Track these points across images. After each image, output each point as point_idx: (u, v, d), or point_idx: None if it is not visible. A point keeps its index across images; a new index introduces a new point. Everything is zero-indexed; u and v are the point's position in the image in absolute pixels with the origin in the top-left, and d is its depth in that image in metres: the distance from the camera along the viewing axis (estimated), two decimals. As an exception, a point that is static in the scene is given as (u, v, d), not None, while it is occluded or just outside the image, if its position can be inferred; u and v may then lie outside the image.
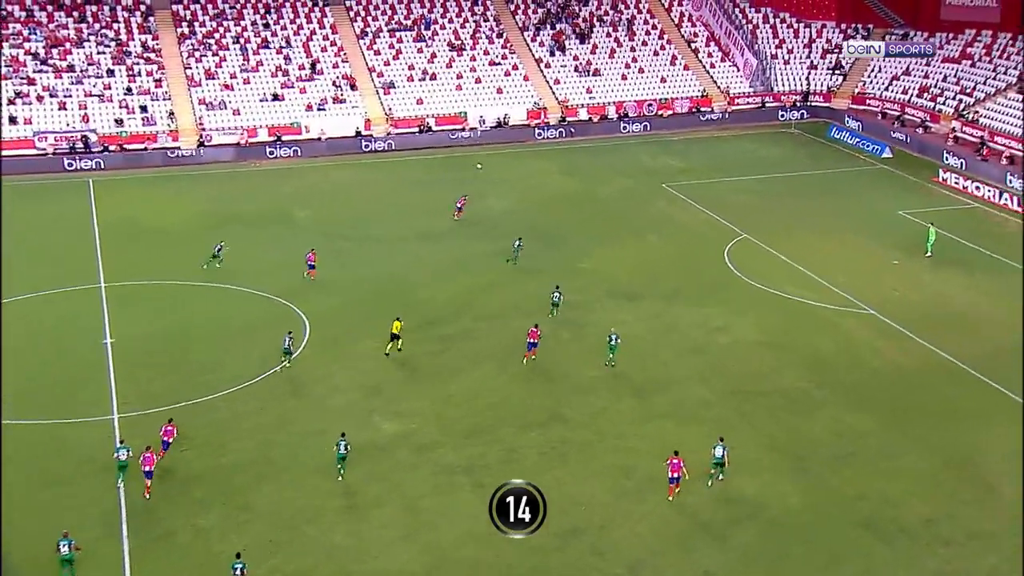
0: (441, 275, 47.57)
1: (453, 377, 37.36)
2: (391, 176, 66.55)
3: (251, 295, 44.84)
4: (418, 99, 77.43)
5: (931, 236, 49.95)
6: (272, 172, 67.47)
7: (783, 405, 34.93)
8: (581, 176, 65.10)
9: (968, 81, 75.09)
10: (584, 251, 50.67)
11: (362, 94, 77.01)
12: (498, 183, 64.10)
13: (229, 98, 74.18)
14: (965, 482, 30.53)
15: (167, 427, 31.80)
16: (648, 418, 34.25)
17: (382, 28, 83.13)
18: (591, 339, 40.38)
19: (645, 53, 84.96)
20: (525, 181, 64.76)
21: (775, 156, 70.51)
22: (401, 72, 79.73)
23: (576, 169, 67.19)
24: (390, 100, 77.15)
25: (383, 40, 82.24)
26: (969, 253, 49.84)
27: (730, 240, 52.00)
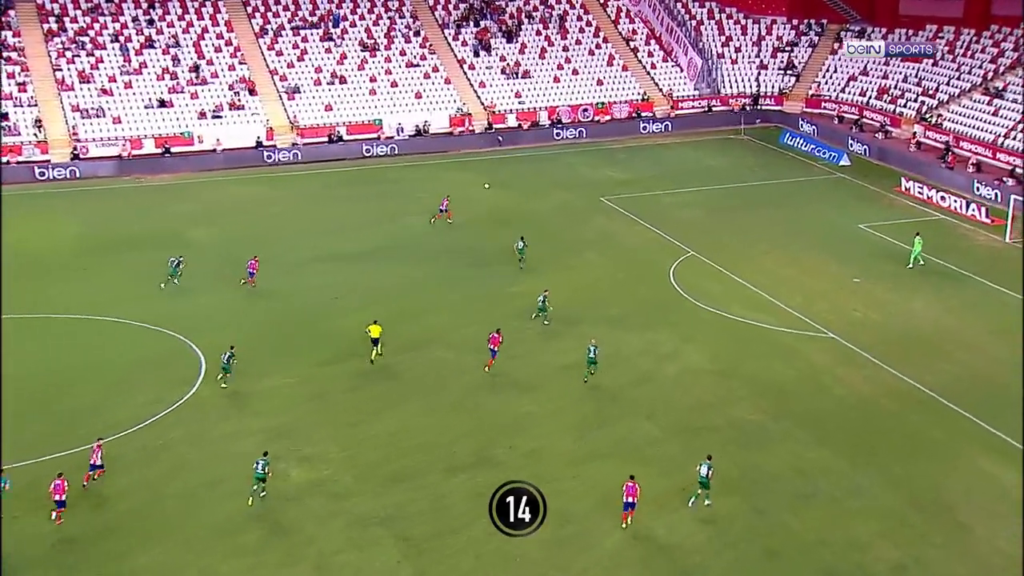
0: (357, 302, 47.26)
1: (371, 417, 37.07)
2: (298, 192, 66.13)
3: (139, 329, 44.08)
4: (327, 105, 77.18)
5: (917, 247, 51.27)
6: (161, 188, 66.55)
7: (737, 440, 35.30)
8: (511, 190, 65.33)
9: (930, 82, 77.31)
10: (518, 273, 50.80)
11: (263, 100, 76.48)
12: (418, 199, 64.03)
13: (108, 104, 73.06)
14: (936, 522, 31.10)
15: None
16: (587, 458, 34.32)
17: (284, 26, 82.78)
18: (523, 372, 40.42)
19: (579, 53, 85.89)
20: (451, 195, 64.56)
21: (723, 165, 71.66)
22: (307, 75, 79.41)
23: (506, 182, 67.40)
24: (295, 106, 76.74)
25: (286, 39, 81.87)
26: (935, 269, 51.10)
27: (676, 258, 52.59)
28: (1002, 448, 34.51)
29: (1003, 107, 70.42)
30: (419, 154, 74.74)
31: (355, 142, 75.12)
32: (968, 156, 67.95)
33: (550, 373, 40.45)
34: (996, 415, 36.46)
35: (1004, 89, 71.94)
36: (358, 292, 48.60)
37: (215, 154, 72.13)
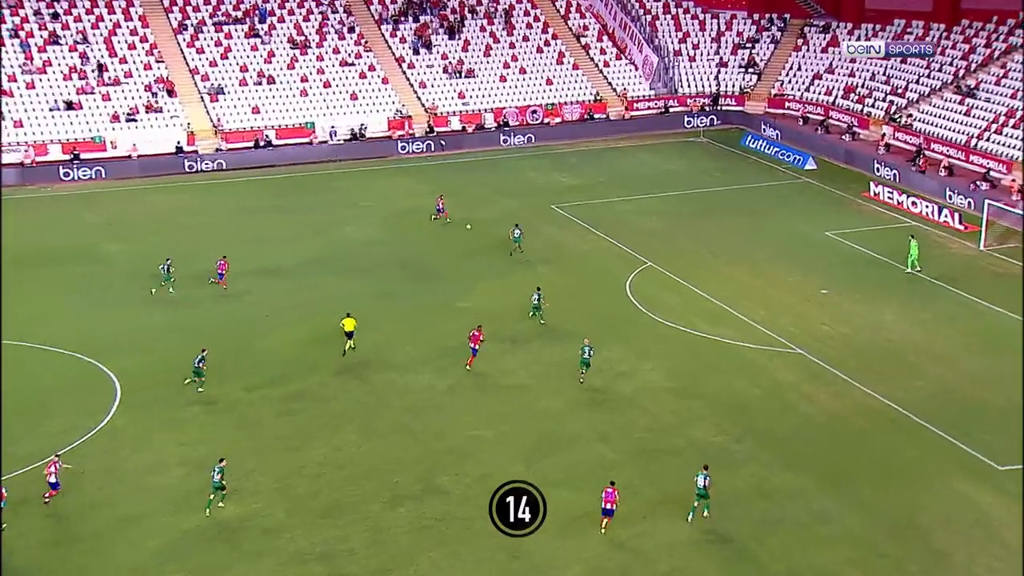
0: (289, 320, 47.06)
1: (305, 444, 36.86)
2: (223, 201, 65.75)
3: (45, 353, 43.49)
4: (254, 107, 76.85)
5: (913, 250, 52.33)
6: (70, 198, 65.83)
7: (698, 463, 35.34)
8: (456, 197, 65.34)
9: (899, 80, 78.69)
10: (463, 287, 50.87)
11: (183, 102, 75.97)
12: (356, 208, 63.91)
13: (8, 106, 72.07)
14: (910, 549, 31.46)
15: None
16: (539, 485, 34.09)
17: (205, 21, 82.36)
18: (472, 393, 40.45)
19: (527, 50, 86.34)
20: (389, 205, 64.80)
21: (681, 170, 72.28)
22: (231, 75, 79.03)
23: (449, 189, 67.43)
24: (219, 109, 76.32)
25: (207, 36, 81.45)
26: (906, 279, 51.92)
27: (633, 270, 52.93)
28: (979, 469, 35.07)
29: (975, 107, 71.85)
30: (355, 160, 74.61)
31: (285, 147, 74.88)
32: (940, 159, 69.20)
33: (499, 393, 40.55)
34: (972, 434, 37.04)
35: (976, 88, 73.40)
36: (291, 309, 48.34)
37: (131, 161, 71.49)
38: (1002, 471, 34.92)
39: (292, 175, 71.44)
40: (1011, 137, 67.57)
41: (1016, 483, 34.19)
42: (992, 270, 53.01)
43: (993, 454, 35.76)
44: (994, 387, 40.61)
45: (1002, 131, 68.52)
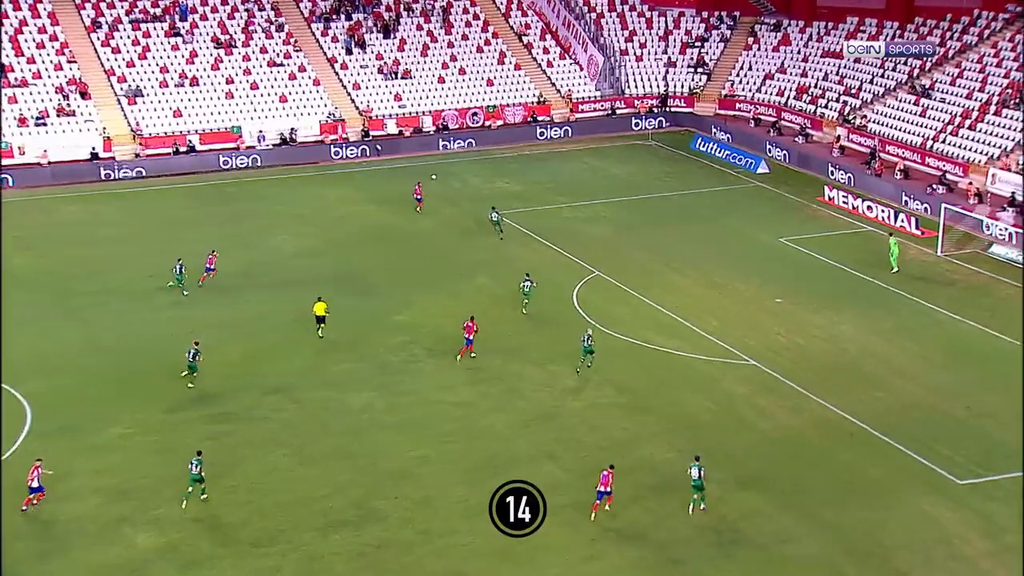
0: (215, 338, 46.45)
1: (231, 470, 36.45)
2: (142, 212, 65.08)
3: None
4: (175, 111, 76.16)
5: (895, 250, 53.39)
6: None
7: (649, 483, 35.62)
8: (393, 205, 65.20)
9: (852, 80, 79.74)
10: (401, 300, 50.69)
11: (98, 105, 75.07)
12: (286, 217, 63.51)
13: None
14: (872, 571, 31.67)
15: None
16: (483, 508, 33.76)
17: (121, 19, 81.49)
18: (410, 411, 40.31)
19: (466, 50, 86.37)
20: (321, 214, 64.42)
21: (629, 175, 72.61)
22: (151, 76, 78.24)
23: (386, 197, 67.25)
24: (137, 112, 75.52)
25: (124, 34, 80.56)
26: (863, 287, 52.50)
27: (579, 279, 53.05)
28: (942, 486, 35.47)
29: (931, 107, 72.96)
30: (285, 166, 74.16)
31: (209, 153, 74.24)
32: (895, 162, 70.15)
33: (441, 411, 40.44)
34: (933, 448, 37.49)
35: (931, 88, 74.56)
36: (215, 326, 47.86)
37: (41, 168, 70.51)
38: (962, 485, 35.37)
39: (217, 183, 70.84)
40: (967, 139, 68.70)
41: (978, 498, 34.64)
42: (951, 277, 53.79)
43: (953, 468, 36.23)
44: (954, 399, 41.16)
45: (958, 132, 69.63)
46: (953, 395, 41.52)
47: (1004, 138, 67.00)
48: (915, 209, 62.62)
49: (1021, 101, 68.53)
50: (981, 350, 45.72)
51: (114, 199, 67.29)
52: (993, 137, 67.55)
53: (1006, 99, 69.47)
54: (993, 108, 69.60)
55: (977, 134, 68.57)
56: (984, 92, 71.37)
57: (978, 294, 51.69)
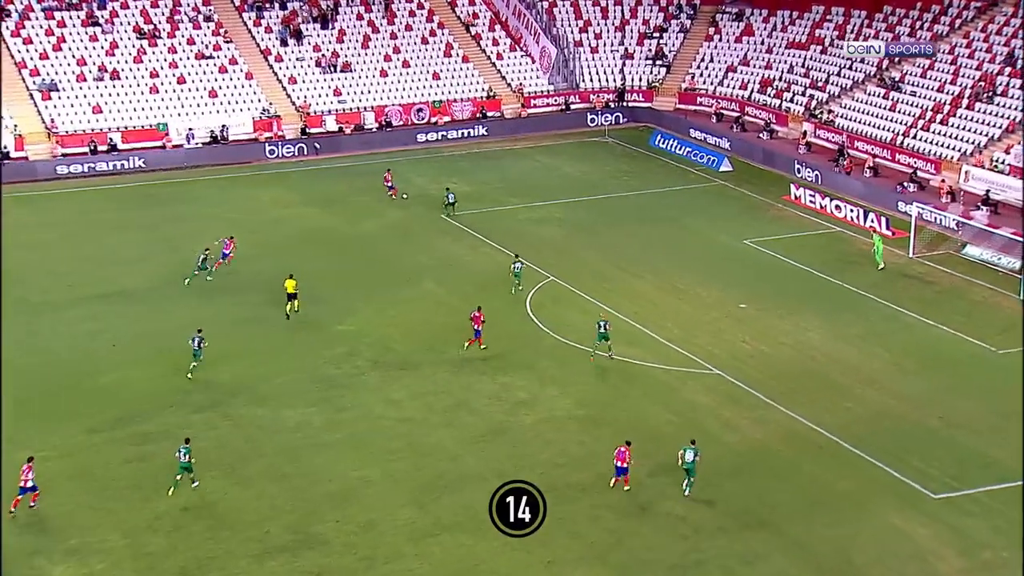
0: (138, 351, 46.18)
1: (158, 494, 36.02)
2: (59, 216, 64.48)
3: None
4: (95, 107, 75.53)
5: (879, 246, 54.54)
6: None
7: (609, 501, 35.59)
8: (333, 207, 64.88)
9: (819, 72, 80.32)
10: (343, 308, 50.46)
11: (9, 101, 74.00)
12: (217, 220, 63.00)
13: None
14: (842, 586, 31.96)
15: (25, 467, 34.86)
16: (431, 530, 34.13)
17: (33, 6, 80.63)
18: (352, 427, 40.07)
19: (410, 41, 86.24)
20: (256, 216, 64.04)
21: (584, 173, 72.73)
22: (67, 69, 77.47)
23: (326, 198, 66.96)
24: (52, 109, 74.78)
25: (36, 23, 79.67)
26: (832, 291, 52.82)
27: (533, 285, 53.01)
28: (915, 500, 35.69)
29: (901, 101, 73.64)
30: (216, 166, 73.72)
31: (133, 152, 73.60)
32: (864, 158, 70.72)
33: (385, 428, 40.22)
34: (905, 460, 37.73)
35: (901, 80, 75.26)
36: (141, 338, 47.46)
37: (-51, 169, 69.61)
38: (936, 500, 35.60)
39: (142, 184, 70.27)
40: (939, 134, 69.39)
41: (952, 512, 34.88)
42: (923, 280, 54.24)
43: (927, 482, 36.46)
44: (927, 408, 41.45)
45: (929, 127, 70.33)
46: (926, 404, 41.81)
47: (978, 133, 67.75)
48: (885, 208, 62.90)
49: (994, 94, 69.35)
50: (955, 356, 46.11)
51: (27, 202, 66.36)
52: (966, 132, 68.26)
53: (979, 92, 70.26)
54: (966, 102, 70.35)
55: (949, 129, 69.29)
56: (956, 85, 72.13)
57: (951, 297, 52.15)
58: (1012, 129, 66.58)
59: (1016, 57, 70.95)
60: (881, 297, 51.78)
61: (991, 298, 51.73)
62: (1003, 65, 71.08)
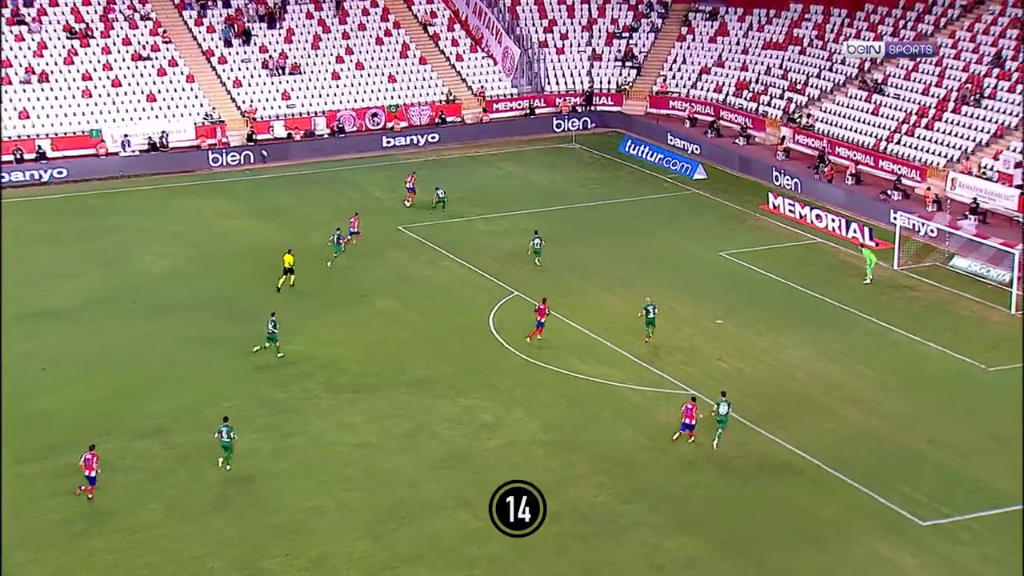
0: (72, 375, 45.88)
1: (95, 528, 35.84)
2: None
3: None
4: (21, 112, 75.13)
5: (871, 260, 55.06)
6: None
7: (577, 530, 35.60)
8: (282, 220, 64.77)
9: (798, 74, 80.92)
10: (291, 327, 50.19)
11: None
12: (156, 233, 62.81)
13: None
14: (825, 619, 32.17)
15: (87, 456, 36.90)
16: (389, 564, 34.07)
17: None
18: (302, 455, 39.95)
19: (364, 41, 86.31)
20: (199, 229, 63.86)
21: (551, 182, 72.95)
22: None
23: (274, 210, 66.81)
24: (-22, 114, 74.31)
25: (-44, 24, 79.26)
26: (813, 305, 53.13)
27: (496, 301, 53.07)
28: (902, 527, 35.85)
29: (884, 104, 74.29)
30: (155, 175, 73.59)
31: (64, 160, 73.33)
32: (846, 165, 71.24)
33: (339, 454, 40.12)
34: (891, 484, 37.93)
35: (884, 82, 75.93)
36: (74, 361, 47.19)
37: None
38: (925, 526, 35.80)
39: (73, 195, 70.00)
40: (924, 139, 70.03)
41: (942, 540, 35.10)
42: (909, 294, 54.65)
43: (914, 508, 36.66)
44: (913, 428, 41.73)
45: (914, 132, 70.98)
46: (912, 424, 42.10)
47: (965, 138, 68.39)
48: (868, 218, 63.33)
49: (982, 97, 70.07)
50: (942, 374, 46.48)
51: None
52: (952, 137, 68.94)
53: (966, 95, 70.97)
54: (952, 105, 71.05)
55: (935, 134, 69.94)
56: (942, 87, 72.86)
57: (938, 311, 52.58)
58: (1000, 134, 67.30)
59: (1004, 58, 71.78)
60: (865, 312, 52.15)
61: (980, 312, 52.21)
62: (991, 66, 71.88)
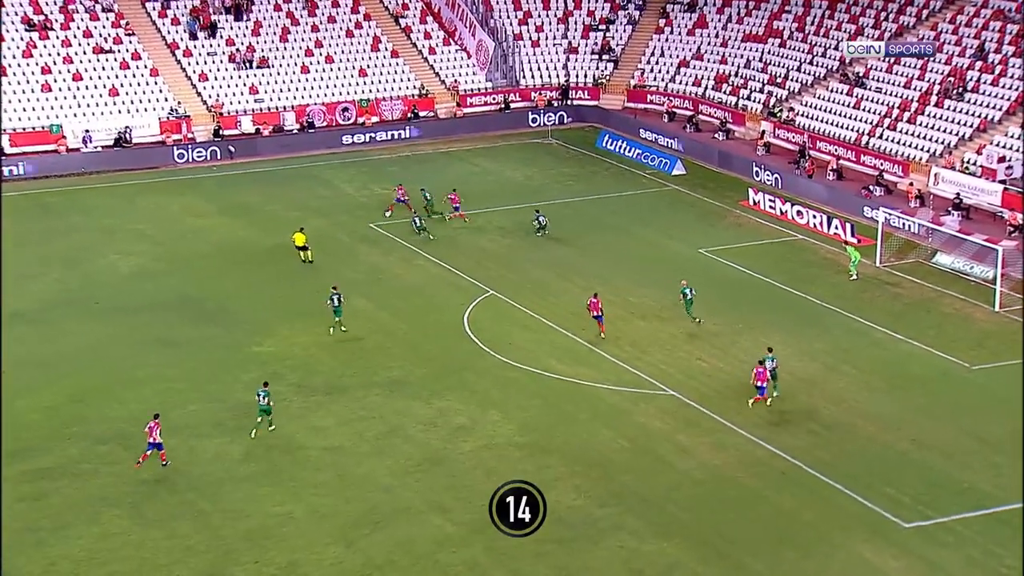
0: (33, 378, 45.68)
1: (55, 536, 35.68)
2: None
3: None
4: (-20, 107, 74.69)
5: (855, 257, 55.29)
6: None
7: (554, 534, 35.52)
8: (250, 217, 64.67)
9: (778, 67, 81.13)
10: (261, 327, 50.25)
11: None
12: (122, 232, 62.60)
13: None
14: (808, 624, 32.24)
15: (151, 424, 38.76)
16: (362, 571, 34.00)
17: (-96, -5, 79.69)
18: (272, 459, 39.87)
19: (334, 34, 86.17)
20: (165, 228, 63.69)
21: (526, 178, 73.00)
22: (-53, 65, 76.60)
23: (242, 207, 66.66)
24: (-68, 108, 73.90)
25: (-90, 15, 78.70)
26: (794, 303, 53.29)
27: (471, 300, 53.07)
28: (885, 530, 35.96)
29: (866, 97, 74.52)
30: (118, 172, 73.33)
31: (22, 157, 73.01)
32: (827, 160, 71.45)
33: (309, 459, 40.05)
34: (874, 486, 38.05)
35: (866, 75, 76.17)
36: (34, 364, 46.99)
37: None
38: (908, 528, 35.94)
39: (32, 192, 69.70)
40: (906, 134, 70.30)
41: (925, 543, 35.22)
42: (891, 291, 54.84)
43: (898, 509, 36.79)
44: (897, 429, 41.86)
45: (896, 126, 71.25)
46: (896, 425, 42.25)
47: (947, 132, 68.71)
48: (849, 214, 63.59)
49: (964, 91, 70.38)
50: (926, 373, 46.66)
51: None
52: (935, 132, 69.23)
53: (948, 88, 71.27)
54: (934, 99, 71.37)
55: (918, 128, 70.22)
56: (924, 80, 73.16)
57: (921, 309, 52.78)
58: (984, 128, 67.61)
59: (987, 51, 72.11)
60: (847, 310, 52.30)
61: (963, 309, 52.43)
62: (973, 59, 72.22)
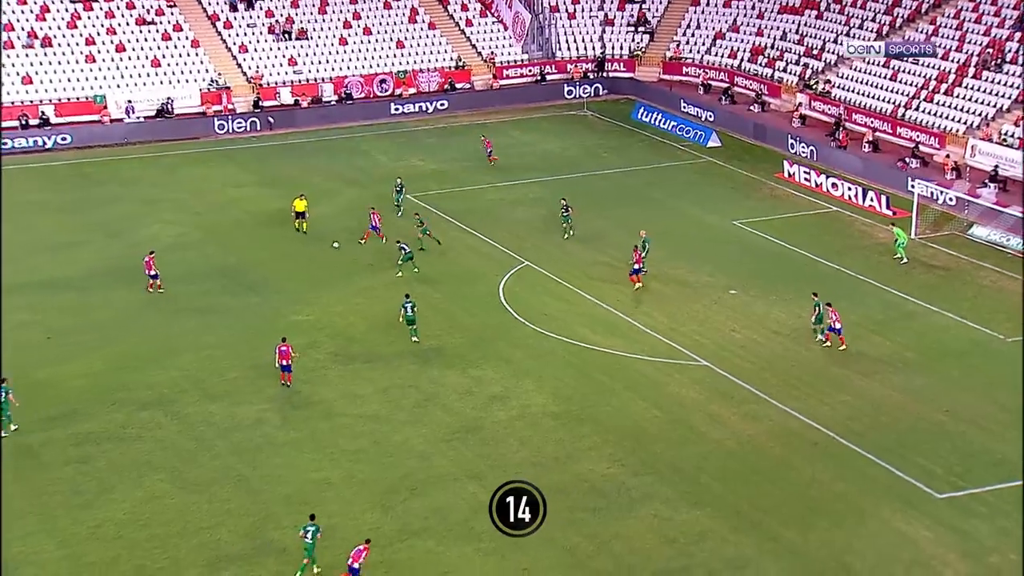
0: (78, 344, 46.06)
1: (102, 498, 36.06)
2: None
3: None
4: (24, 77, 75.05)
5: (901, 238, 54.10)
6: None
7: (588, 503, 35.80)
8: (288, 188, 64.73)
9: (814, 39, 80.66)
10: (299, 297, 50.48)
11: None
12: (163, 202, 62.95)
13: None
14: (839, 594, 32.28)
15: (282, 348, 42.46)
16: (398, 536, 34.27)
17: (-52, -36, 80.00)
18: (310, 426, 40.17)
19: (372, 6, 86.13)
20: (204, 198, 64.00)
21: (562, 149, 72.91)
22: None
23: (280, 178, 66.86)
24: (-20, 79, 74.36)
25: (-44, -15, 79.12)
26: (828, 275, 53.16)
27: (506, 271, 53.18)
28: (914, 499, 36.01)
29: (902, 70, 74.02)
30: (160, 142, 73.58)
31: (67, 127, 73.39)
32: (863, 132, 71.11)
33: (348, 426, 40.32)
34: (907, 457, 38.07)
35: (903, 48, 75.58)
36: (79, 331, 47.38)
37: None
38: (940, 499, 35.95)
39: (77, 162, 70.00)
40: (943, 106, 69.82)
41: (958, 514, 35.23)
42: (926, 263, 54.63)
43: (931, 480, 36.81)
44: (931, 401, 41.79)
45: (933, 98, 70.77)
46: (930, 397, 42.16)
47: (985, 104, 68.19)
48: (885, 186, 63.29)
49: (1003, 62, 69.80)
50: (960, 345, 46.52)
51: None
52: (972, 103, 68.73)
53: (987, 60, 70.70)
54: (972, 71, 70.81)
55: (955, 100, 69.74)
56: (962, 52, 72.57)
57: (956, 282, 52.59)
58: (1022, 99, 67.08)
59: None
60: (881, 282, 52.16)
61: (999, 282, 52.21)
62: (1013, 30, 71.57)
